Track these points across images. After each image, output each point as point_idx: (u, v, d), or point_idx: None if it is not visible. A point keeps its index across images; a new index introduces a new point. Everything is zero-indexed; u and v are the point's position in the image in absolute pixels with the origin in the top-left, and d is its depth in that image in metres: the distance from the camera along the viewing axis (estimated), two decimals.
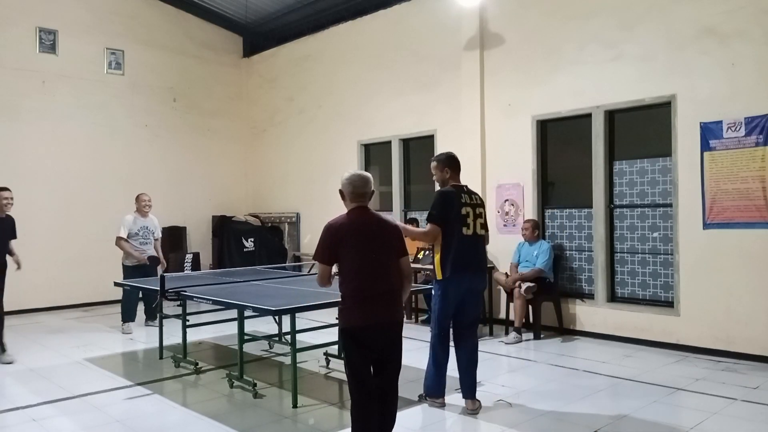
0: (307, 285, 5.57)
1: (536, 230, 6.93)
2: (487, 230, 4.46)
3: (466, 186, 4.48)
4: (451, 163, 4.43)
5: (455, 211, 4.21)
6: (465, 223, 4.22)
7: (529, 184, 7.24)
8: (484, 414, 4.30)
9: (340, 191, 3.49)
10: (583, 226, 6.94)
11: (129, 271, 7.41)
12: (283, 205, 10.67)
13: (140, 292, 7.16)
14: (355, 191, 3.42)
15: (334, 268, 3.41)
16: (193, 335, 6.40)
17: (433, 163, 4.50)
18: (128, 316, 7.49)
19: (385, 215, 3.70)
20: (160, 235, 8.01)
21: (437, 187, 4.55)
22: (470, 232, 4.25)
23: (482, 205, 4.45)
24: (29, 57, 9.02)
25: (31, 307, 8.70)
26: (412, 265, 7.19)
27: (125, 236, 7.45)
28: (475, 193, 4.48)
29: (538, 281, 6.67)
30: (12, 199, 6.32)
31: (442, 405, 4.41)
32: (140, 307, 7.71)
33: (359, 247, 3.30)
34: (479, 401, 4.38)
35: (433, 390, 4.43)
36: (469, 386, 4.36)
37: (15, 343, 6.70)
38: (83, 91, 9.50)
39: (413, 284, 5.28)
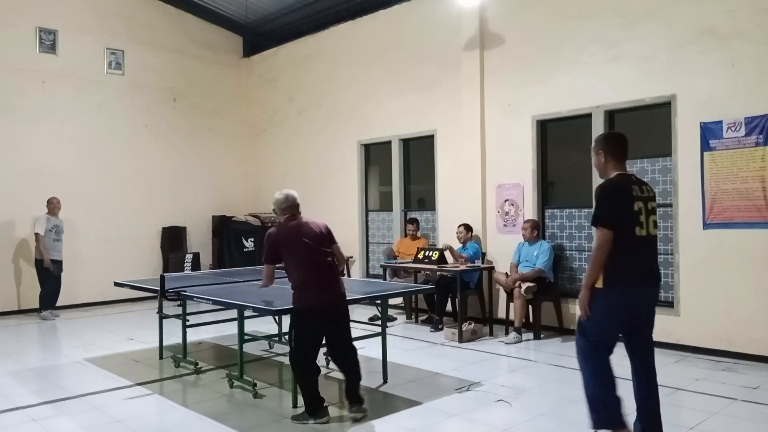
0: None
1: (535, 230, 6.92)
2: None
3: (634, 175, 3.60)
4: (608, 145, 3.55)
5: (626, 208, 3.35)
6: (638, 221, 3.35)
7: (529, 184, 7.24)
8: (484, 414, 4.30)
9: (273, 210, 4.34)
10: (583, 226, 6.94)
11: (41, 265, 8.21)
12: None
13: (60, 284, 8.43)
14: (281, 206, 4.27)
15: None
16: (193, 335, 6.40)
17: (593, 145, 3.73)
18: (49, 303, 8.35)
19: (316, 220, 4.36)
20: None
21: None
22: (644, 232, 3.38)
23: (654, 197, 3.54)
24: (29, 57, 9.02)
25: (31, 307, 8.69)
26: (413, 265, 7.31)
27: (43, 233, 8.17)
28: (646, 183, 3.56)
29: (538, 281, 6.66)
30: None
31: None
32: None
33: (297, 245, 4.13)
34: None
35: (606, 418, 3.42)
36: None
37: (15, 343, 6.72)
38: (83, 91, 9.49)
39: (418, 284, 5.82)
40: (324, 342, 4.28)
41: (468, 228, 7.40)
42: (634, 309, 3.42)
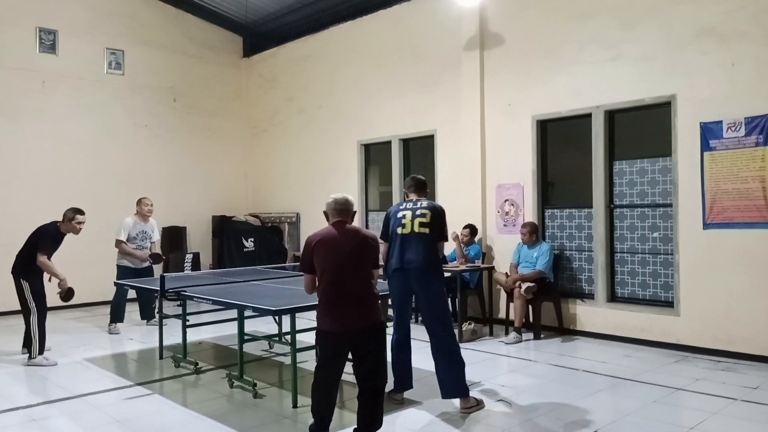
0: None
1: (533, 234, 6.88)
2: (431, 230, 4.53)
3: (418, 199, 4.73)
4: (408, 185, 4.91)
5: (393, 218, 4.70)
6: (401, 224, 4.61)
7: (529, 184, 7.24)
8: (484, 414, 4.30)
9: (324, 212, 3.82)
10: (583, 226, 6.94)
11: (123, 272, 7.40)
12: (283, 205, 10.67)
13: (127, 294, 7.44)
14: (337, 207, 3.75)
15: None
16: (193, 335, 6.40)
17: None
18: (117, 317, 7.49)
19: (365, 230, 3.96)
20: (158, 238, 8.04)
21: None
22: (406, 231, 4.56)
23: (425, 207, 4.59)
24: (29, 57, 9.01)
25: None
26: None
27: (125, 239, 7.46)
28: (425, 202, 4.67)
29: (538, 281, 6.67)
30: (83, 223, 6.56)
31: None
32: (132, 308, 7.80)
33: (329, 256, 3.60)
34: (473, 399, 4.38)
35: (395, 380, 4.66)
36: (447, 385, 4.37)
37: (16, 343, 6.71)
38: (83, 91, 9.49)
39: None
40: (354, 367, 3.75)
41: (473, 231, 7.39)
42: (404, 285, 4.57)
